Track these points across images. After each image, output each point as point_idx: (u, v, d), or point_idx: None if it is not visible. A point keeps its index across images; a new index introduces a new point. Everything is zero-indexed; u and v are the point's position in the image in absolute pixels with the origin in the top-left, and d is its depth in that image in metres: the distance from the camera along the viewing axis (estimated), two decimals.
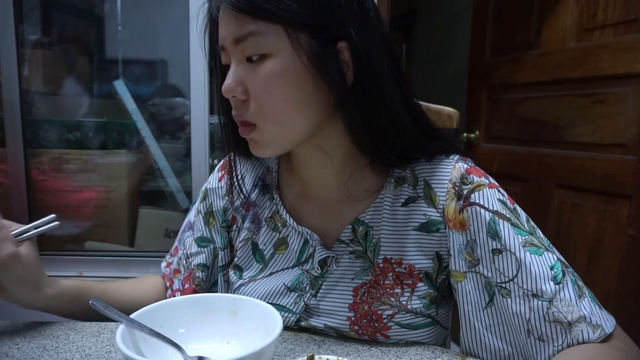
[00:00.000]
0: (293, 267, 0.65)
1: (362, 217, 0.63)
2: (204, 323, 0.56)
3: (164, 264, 0.78)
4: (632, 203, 1.18)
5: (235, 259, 0.70)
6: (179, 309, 0.56)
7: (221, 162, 0.76)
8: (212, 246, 0.72)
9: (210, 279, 0.73)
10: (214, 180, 0.74)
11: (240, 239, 0.70)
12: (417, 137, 0.60)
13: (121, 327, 0.49)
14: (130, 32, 1.84)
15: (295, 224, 0.65)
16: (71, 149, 1.74)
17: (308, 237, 0.64)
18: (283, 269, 0.66)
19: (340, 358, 0.53)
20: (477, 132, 1.82)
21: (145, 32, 1.88)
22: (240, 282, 0.68)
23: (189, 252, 0.73)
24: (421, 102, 0.88)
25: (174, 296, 0.72)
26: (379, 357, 0.58)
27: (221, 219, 0.72)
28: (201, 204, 0.75)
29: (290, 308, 0.64)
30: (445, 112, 0.88)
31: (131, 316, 0.51)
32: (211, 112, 1.68)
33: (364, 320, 0.61)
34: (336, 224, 0.64)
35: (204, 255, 0.72)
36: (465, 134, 1.83)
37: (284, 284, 0.64)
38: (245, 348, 0.54)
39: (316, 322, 0.63)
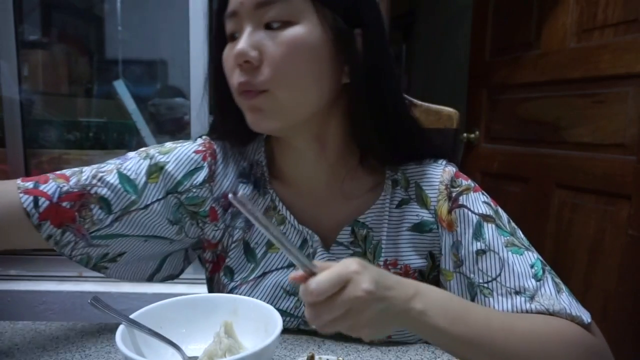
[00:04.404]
0: (287, 267, 0.63)
1: (362, 218, 0.63)
2: (204, 323, 0.56)
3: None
4: (632, 203, 1.18)
5: (227, 261, 0.66)
6: (179, 309, 0.56)
7: (202, 140, 0.68)
8: (131, 198, 0.61)
9: (107, 229, 0.61)
10: (190, 151, 0.65)
11: (234, 239, 0.65)
12: (410, 134, 0.62)
13: (121, 327, 0.49)
14: (130, 32, 1.84)
15: (295, 222, 0.63)
16: (71, 149, 1.74)
17: (308, 237, 0.63)
18: (277, 269, 0.64)
19: (340, 358, 0.53)
20: (477, 133, 1.81)
21: (145, 32, 1.88)
22: (232, 284, 0.65)
23: (101, 173, 0.61)
24: (421, 103, 0.88)
25: (33, 200, 0.57)
26: (379, 357, 0.58)
27: (199, 209, 0.64)
28: (156, 151, 0.64)
29: (292, 312, 0.63)
30: (445, 112, 0.88)
31: (131, 316, 0.51)
32: (211, 112, 1.67)
33: None
34: (331, 223, 0.63)
35: (115, 194, 0.60)
36: (465, 134, 1.82)
37: (282, 288, 0.63)
38: (245, 348, 0.54)
39: None
